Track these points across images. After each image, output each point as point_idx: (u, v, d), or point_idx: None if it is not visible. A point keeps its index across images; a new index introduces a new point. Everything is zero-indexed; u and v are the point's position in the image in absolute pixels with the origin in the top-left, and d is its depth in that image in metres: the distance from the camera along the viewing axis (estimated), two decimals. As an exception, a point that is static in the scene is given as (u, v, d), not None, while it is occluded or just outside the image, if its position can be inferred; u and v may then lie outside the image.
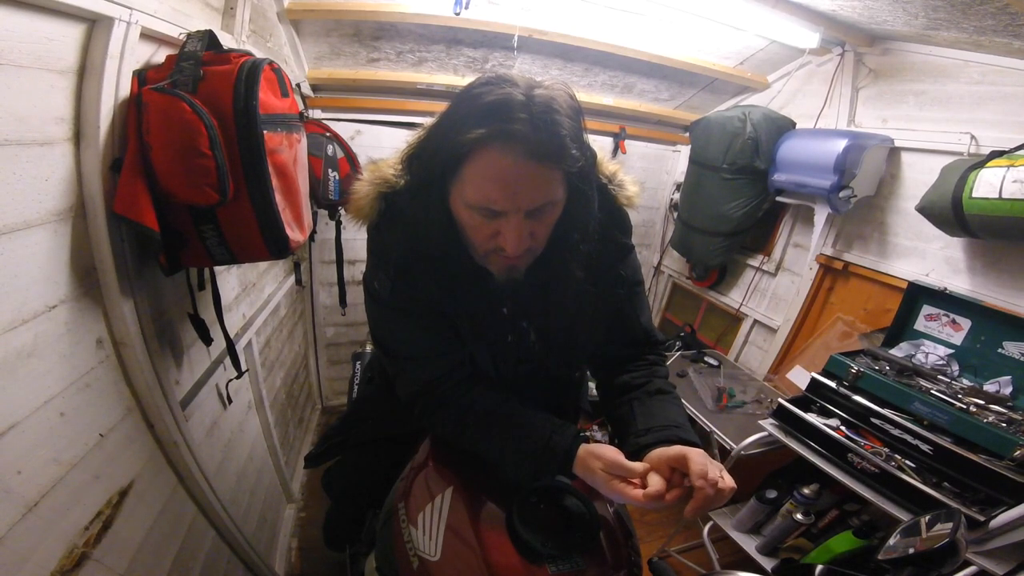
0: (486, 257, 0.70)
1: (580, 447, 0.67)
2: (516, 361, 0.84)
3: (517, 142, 0.57)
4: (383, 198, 0.74)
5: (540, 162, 0.59)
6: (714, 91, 2.35)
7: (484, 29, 1.78)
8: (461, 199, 0.63)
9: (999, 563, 1.06)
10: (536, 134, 0.57)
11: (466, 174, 0.61)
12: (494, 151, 0.58)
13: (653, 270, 3.03)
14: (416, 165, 0.69)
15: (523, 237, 0.64)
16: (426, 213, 0.68)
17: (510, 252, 0.65)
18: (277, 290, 1.84)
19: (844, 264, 1.94)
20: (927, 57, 1.67)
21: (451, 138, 0.60)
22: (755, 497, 1.68)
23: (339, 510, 1.30)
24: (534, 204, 0.62)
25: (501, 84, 0.59)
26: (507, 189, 0.60)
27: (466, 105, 0.60)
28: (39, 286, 0.67)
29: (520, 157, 0.58)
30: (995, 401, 1.29)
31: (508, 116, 0.56)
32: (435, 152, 0.63)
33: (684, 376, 2.13)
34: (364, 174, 0.77)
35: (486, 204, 0.61)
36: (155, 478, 0.93)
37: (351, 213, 0.78)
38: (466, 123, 0.58)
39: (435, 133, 0.65)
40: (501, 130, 0.57)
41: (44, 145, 0.68)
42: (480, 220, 0.64)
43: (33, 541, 0.63)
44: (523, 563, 0.62)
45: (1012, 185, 1.22)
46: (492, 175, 0.59)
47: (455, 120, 0.61)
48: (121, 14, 0.75)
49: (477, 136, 0.57)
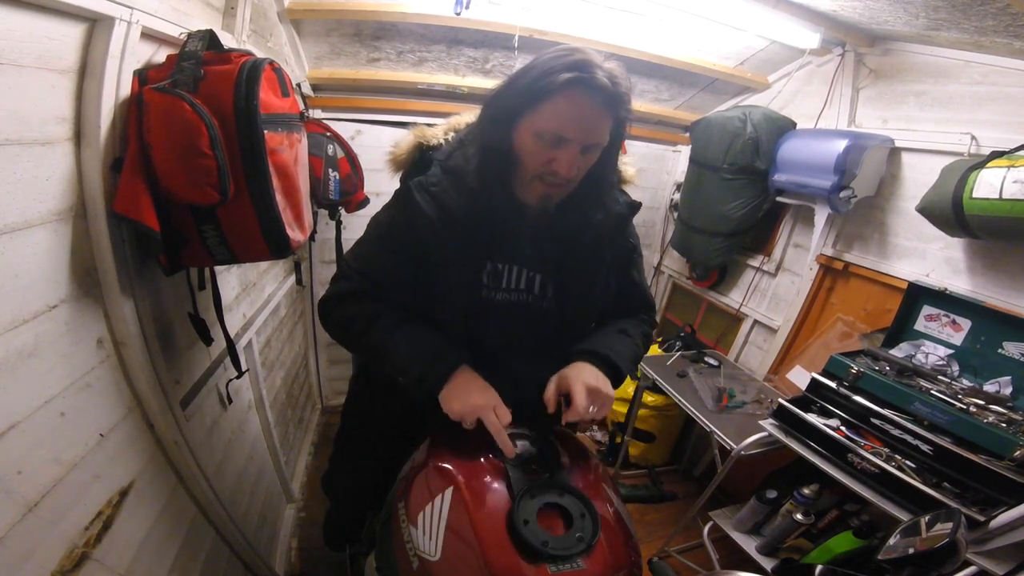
0: (531, 183, 0.79)
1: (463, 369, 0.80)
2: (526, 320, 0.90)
3: (596, 89, 0.71)
4: (421, 150, 0.87)
5: (606, 109, 0.73)
6: (714, 91, 2.35)
7: (485, 29, 1.78)
8: (532, 128, 0.74)
9: (999, 563, 1.06)
10: (611, 87, 0.72)
11: (545, 107, 0.73)
12: (576, 92, 0.71)
13: (653, 270, 3.03)
14: (493, 103, 0.79)
15: (575, 164, 0.76)
16: (466, 162, 0.81)
17: (564, 173, 0.76)
18: (277, 290, 1.85)
19: (844, 264, 1.94)
20: (928, 57, 1.67)
21: (540, 79, 0.72)
22: (755, 497, 1.68)
23: (339, 510, 1.30)
24: (592, 141, 0.75)
25: (582, 50, 0.73)
26: (579, 123, 0.73)
27: (554, 60, 0.72)
28: (40, 286, 0.67)
29: (595, 101, 0.72)
30: (995, 401, 1.29)
31: (591, 71, 0.70)
32: (519, 90, 0.75)
33: (684, 376, 2.13)
34: (408, 134, 0.89)
35: (559, 131, 0.73)
36: (155, 478, 0.93)
37: (389, 165, 0.89)
38: (555, 70, 0.71)
39: (519, 78, 0.76)
40: (585, 78, 0.70)
41: (45, 145, 0.68)
42: (541, 147, 0.75)
43: (33, 541, 0.63)
44: (523, 563, 0.62)
45: (1012, 186, 1.22)
46: (570, 110, 0.72)
47: (544, 69, 0.72)
48: (122, 14, 0.75)
49: (567, 79, 0.70)
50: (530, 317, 0.89)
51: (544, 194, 0.80)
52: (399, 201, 0.86)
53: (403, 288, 0.86)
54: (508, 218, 0.83)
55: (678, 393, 2.00)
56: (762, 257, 2.32)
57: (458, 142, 0.85)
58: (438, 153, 0.84)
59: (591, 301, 0.91)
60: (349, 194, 1.75)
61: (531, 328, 0.90)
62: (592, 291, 0.90)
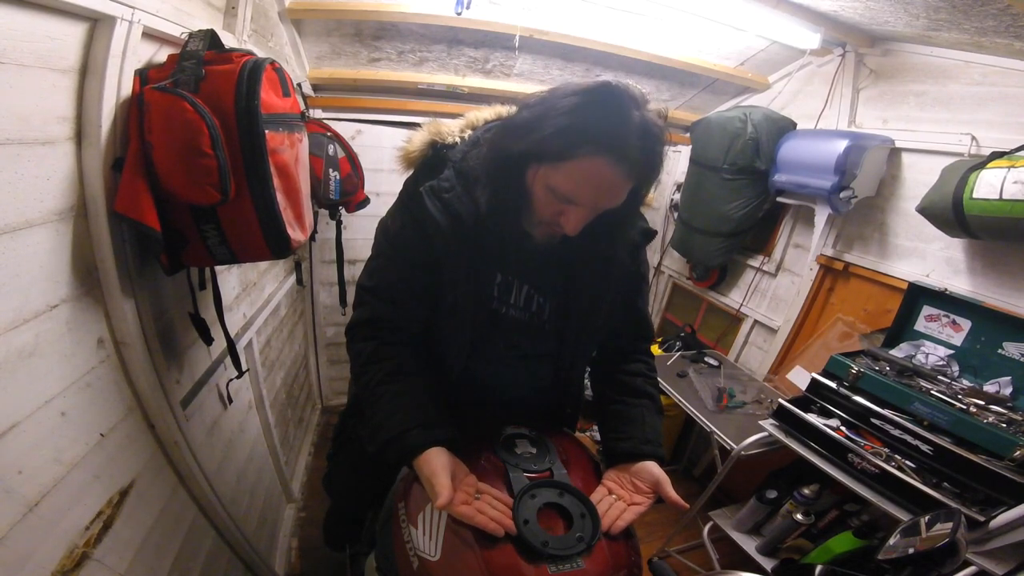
0: (537, 224, 0.76)
1: (429, 451, 0.69)
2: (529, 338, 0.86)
3: (625, 162, 0.65)
4: (434, 148, 0.80)
5: (630, 180, 0.67)
6: (715, 91, 2.35)
7: (485, 29, 1.78)
8: (545, 181, 0.68)
9: (999, 563, 1.06)
10: (642, 159, 0.65)
11: (565, 167, 0.66)
12: (600, 163, 0.64)
13: (653, 270, 3.03)
14: (509, 138, 0.72)
15: (583, 223, 0.72)
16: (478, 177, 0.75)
17: (568, 231, 0.72)
18: (277, 290, 1.85)
19: (844, 265, 1.94)
20: (928, 58, 1.67)
21: (567, 134, 0.64)
22: (755, 497, 1.68)
23: (339, 510, 1.30)
24: (608, 207, 0.70)
25: (621, 97, 0.65)
26: (597, 192, 0.68)
27: (589, 113, 0.64)
28: (40, 285, 0.67)
29: (620, 173, 0.66)
30: (995, 402, 1.29)
31: (624, 138, 0.63)
32: (540, 139, 0.67)
33: (684, 376, 2.13)
34: (422, 129, 0.82)
35: (572, 195, 0.68)
36: (156, 478, 0.93)
37: (401, 162, 0.83)
38: (582, 131, 0.64)
39: (543, 121, 0.67)
40: (615, 149, 0.64)
41: (46, 144, 0.68)
42: (551, 200, 0.70)
43: (34, 541, 0.63)
44: (523, 563, 0.62)
45: (1012, 186, 1.22)
46: (589, 180, 0.66)
47: (573, 123, 0.64)
48: (123, 13, 0.75)
49: (592, 149, 0.64)
50: (532, 335, 0.87)
51: (550, 234, 0.77)
52: (407, 207, 0.81)
53: (417, 301, 0.83)
54: (515, 239, 0.79)
55: (678, 393, 2.00)
56: (762, 257, 2.32)
57: (473, 141, 0.79)
58: (453, 153, 0.79)
59: (592, 327, 0.89)
60: (349, 194, 1.75)
61: (533, 344, 0.88)
62: (594, 319, 0.87)
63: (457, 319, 0.81)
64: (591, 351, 0.97)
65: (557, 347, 0.89)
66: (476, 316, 0.81)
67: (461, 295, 0.79)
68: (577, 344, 0.90)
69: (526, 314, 0.86)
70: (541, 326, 0.87)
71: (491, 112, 0.84)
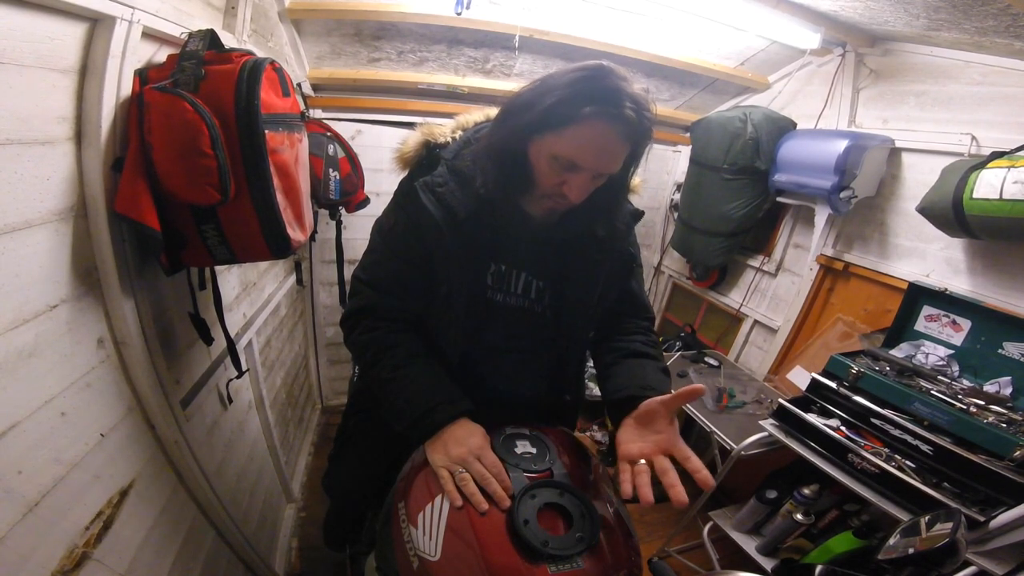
0: (540, 199, 0.79)
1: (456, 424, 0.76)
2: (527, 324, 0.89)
3: (621, 123, 0.69)
4: (428, 148, 0.86)
5: (627, 141, 0.72)
6: (715, 91, 2.35)
7: (485, 29, 1.78)
8: (549, 149, 0.73)
9: (999, 563, 1.06)
10: (636, 121, 0.70)
11: (567, 133, 0.71)
12: (600, 125, 0.69)
13: (653, 270, 3.03)
14: (513, 115, 0.76)
15: (586, 190, 0.76)
16: (473, 164, 0.80)
17: (573, 199, 0.76)
18: (277, 290, 1.84)
19: (844, 265, 1.94)
20: (928, 58, 1.67)
21: (565, 102, 0.69)
22: (755, 497, 1.68)
23: (339, 510, 1.30)
24: (605, 171, 0.75)
25: (613, 73, 0.70)
26: (597, 154, 0.72)
27: (583, 83, 0.70)
28: (40, 285, 0.67)
29: (618, 135, 0.70)
30: (995, 402, 1.29)
31: (619, 102, 0.68)
32: (543, 110, 0.72)
33: (684, 376, 2.13)
34: (416, 131, 0.88)
35: (574, 159, 0.72)
36: (156, 478, 0.93)
37: (396, 162, 0.88)
38: (582, 96, 0.69)
39: (544, 95, 0.72)
40: (612, 112, 0.69)
41: (45, 144, 0.68)
42: (555, 169, 0.74)
43: (34, 541, 0.63)
44: (523, 563, 0.62)
45: (1013, 186, 1.22)
46: (590, 142, 0.71)
47: (571, 92, 0.70)
48: (123, 13, 0.75)
49: (592, 110, 0.68)
50: (529, 321, 0.89)
51: (551, 208, 0.81)
52: (401, 203, 0.85)
53: (411, 295, 0.86)
54: (511, 224, 0.83)
55: (678, 393, 2.00)
56: (762, 257, 2.32)
57: (464, 141, 0.85)
58: (445, 152, 0.84)
59: (588, 309, 0.91)
60: (349, 194, 1.75)
61: (530, 331, 0.90)
62: (589, 300, 0.90)
63: (452, 310, 0.84)
64: (588, 333, 0.98)
65: (554, 332, 0.91)
66: (471, 306, 0.84)
67: (455, 286, 0.82)
68: (573, 327, 0.92)
69: (525, 301, 0.88)
70: (540, 312, 0.89)
71: (481, 114, 0.89)
